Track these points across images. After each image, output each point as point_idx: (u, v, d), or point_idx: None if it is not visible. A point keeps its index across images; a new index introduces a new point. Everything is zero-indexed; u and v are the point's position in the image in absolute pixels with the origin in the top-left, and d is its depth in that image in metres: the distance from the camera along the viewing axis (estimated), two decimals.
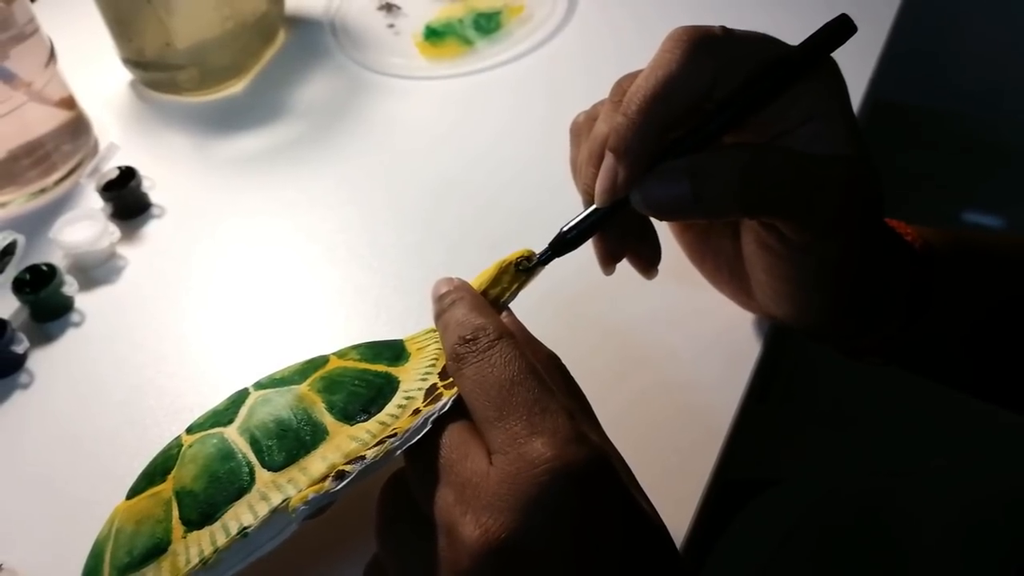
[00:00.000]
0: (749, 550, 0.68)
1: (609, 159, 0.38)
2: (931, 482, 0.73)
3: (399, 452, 0.33)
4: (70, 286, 0.54)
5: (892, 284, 0.43)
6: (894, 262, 0.43)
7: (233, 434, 0.35)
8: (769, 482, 0.74)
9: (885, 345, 0.46)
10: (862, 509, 0.70)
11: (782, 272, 0.41)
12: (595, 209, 0.39)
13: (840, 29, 0.37)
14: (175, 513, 0.34)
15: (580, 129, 0.42)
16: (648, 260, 0.43)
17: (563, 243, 0.40)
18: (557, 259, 0.40)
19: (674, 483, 0.42)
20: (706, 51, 0.36)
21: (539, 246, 0.40)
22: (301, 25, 0.75)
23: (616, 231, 0.42)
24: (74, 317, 0.54)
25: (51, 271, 0.53)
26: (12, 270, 0.54)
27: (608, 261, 0.43)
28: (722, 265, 0.46)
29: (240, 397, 0.38)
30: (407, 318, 0.51)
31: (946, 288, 0.44)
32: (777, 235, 0.39)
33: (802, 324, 0.44)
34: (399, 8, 0.75)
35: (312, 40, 0.74)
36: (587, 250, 0.50)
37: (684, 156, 0.37)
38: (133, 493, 0.37)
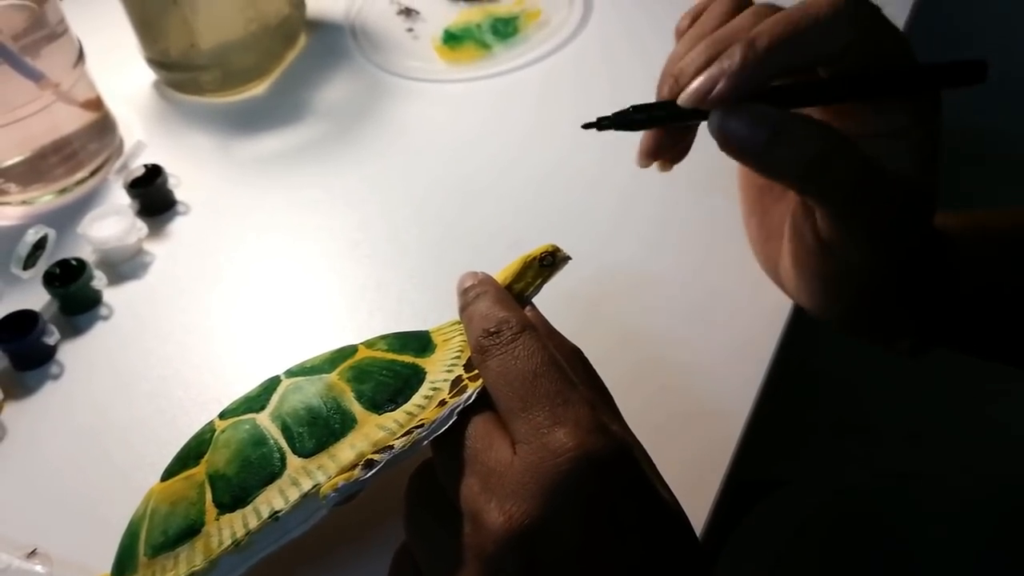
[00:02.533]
0: (758, 550, 0.69)
1: (715, 68, 0.37)
2: (940, 484, 0.74)
3: (426, 442, 0.34)
4: (99, 280, 0.55)
5: (915, 300, 0.44)
6: (919, 277, 0.44)
7: (265, 420, 0.37)
8: (778, 483, 0.75)
9: (906, 334, 0.47)
10: (870, 510, 0.71)
11: (806, 263, 0.42)
12: (671, 104, 0.39)
13: (970, 71, 0.37)
14: (208, 496, 0.35)
15: (685, 26, 0.42)
16: (670, 161, 0.44)
17: (628, 120, 0.40)
18: (582, 259, 0.41)
19: (688, 483, 0.43)
20: (850, 21, 0.37)
21: (557, 245, 0.41)
22: (322, 28, 0.77)
23: (671, 135, 0.42)
24: (102, 310, 0.56)
25: (80, 265, 0.55)
26: (43, 264, 0.55)
27: (648, 155, 0.43)
28: (764, 231, 0.48)
29: (272, 384, 0.39)
30: (429, 313, 0.52)
31: (967, 273, 0.44)
32: (812, 224, 0.40)
33: (823, 315, 0.46)
34: (418, 13, 0.76)
35: (332, 43, 0.75)
36: (607, 253, 0.51)
37: (777, 108, 0.38)
38: (168, 475, 0.38)
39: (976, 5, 1.38)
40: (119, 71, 0.73)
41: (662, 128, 0.42)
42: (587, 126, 0.41)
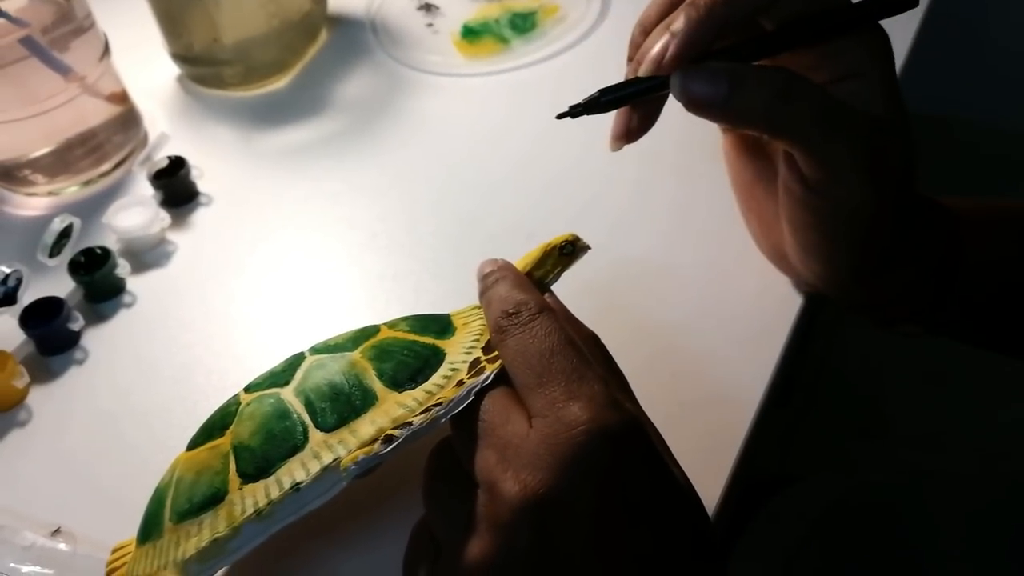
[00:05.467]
0: (771, 548, 0.69)
1: (665, 35, 0.40)
2: (954, 482, 0.74)
3: (443, 420, 0.35)
4: (123, 268, 0.56)
5: (921, 247, 0.44)
6: (922, 225, 0.44)
7: (289, 395, 0.37)
8: (791, 479, 0.75)
9: (917, 314, 0.47)
10: (883, 508, 0.71)
11: (802, 219, 0.42)
12: (635, 80, 0.42)
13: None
14: (232, 466, 0.36)
15: (647, 17, 0.45)
16: (627, 136, 0.45)
17: (597, 103, 0.42)
18: (597, 251, 0.42)
19: (699, 470, 0.43)
20: None
21: (577, 235, 0.42)
22: (343, 24, 0.78)
23: (639, 116, 0.44)
24: (126, 298, 0.56)
25: (105, 254, 0.56)
26: (68, 252, 0.57)
27: (619, 137, 0.45)
28: (764, 225, 0.48)
29: (296, 360, 0.40)
30: (445, 303, 0.53)
31: (974, 250, 0.45)
32: (798, 174, 0.41)
33: (831, 285, 0.46)
34: (437, 8, 0.77)
35: (353, 38, 0.76)
36: (623, 244, 0.52)
37: (731, 62, 0.40)
38: (193, 445, 0.39)
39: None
40: (144, 66, 0.74)
41: (631, 109, 0.44)
42: (561, 116, 0.43)
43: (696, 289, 0.52)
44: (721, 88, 0.39)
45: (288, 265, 0.57)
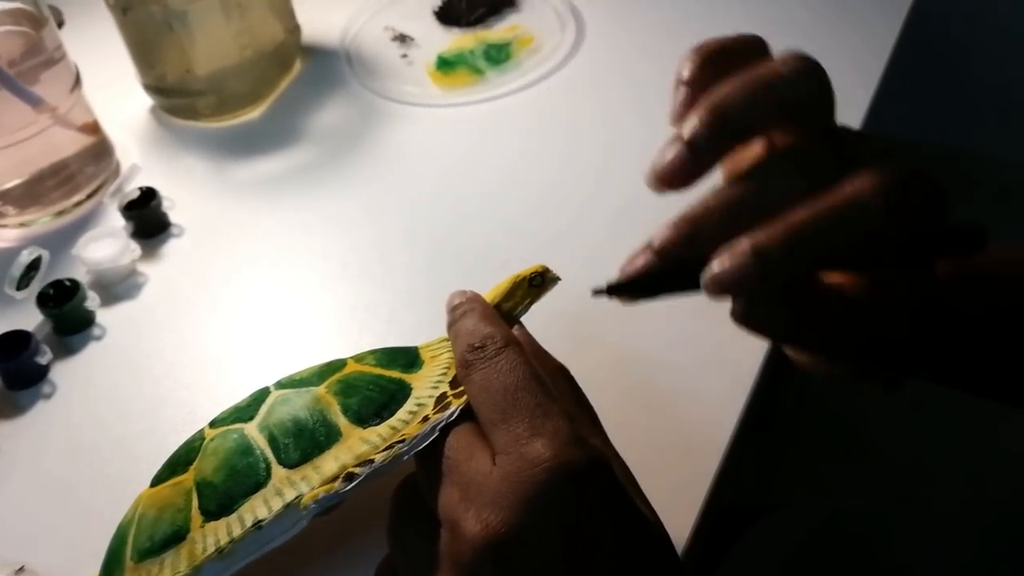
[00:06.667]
0: (753, 574, 0.69)
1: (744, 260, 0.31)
2: (933, 510, 0.74)
3: (407, 457, 0.34)
4: (92, 301, 0.56)
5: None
6: None
7: (253, 431, 0.37)
8: (772, 507, 0.75)
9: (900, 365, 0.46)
10: (867, 535, 0.71)
11: None
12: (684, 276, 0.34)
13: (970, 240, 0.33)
14: (195, 503, 0.36)
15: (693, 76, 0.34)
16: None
17: (634, 288, 0.36)
18: (566, 281, 0.42)
19: (671, 503, 0.43)
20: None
21: (547, 266, 0.42)
22: (317, 54, 0.78)
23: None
24: (95, 331, 0.56)
25: (74, 286, 0.55)
26: (37, 285, 0.56)
27: (663, 180, 0.35)
28: None
29: (261, 395, 0.39)
30: (418, 333, 0.52)
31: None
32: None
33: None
34: (412, 39, 0.77)
35: (328, 69, 0.76)
36: (596, 274, 0.52)
37: None
38: (157, 481, 0.39)
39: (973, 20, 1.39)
40: (117, 96, 0.74)
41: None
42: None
43: (670, 318, 0.52)
44: (782, 323, 0.34)
45: (260, 296, 0.57)
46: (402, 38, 0.78)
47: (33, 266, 0.57)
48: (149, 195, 0.61)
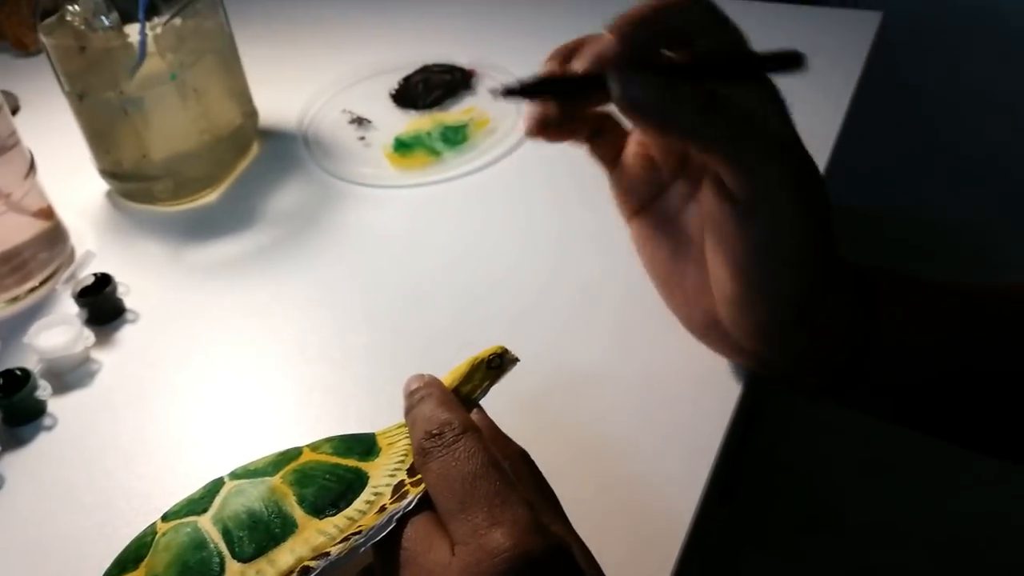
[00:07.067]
0: None
1: (604, 39, 0.40)
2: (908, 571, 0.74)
3: (363, 549, 0.34)
4: (43, 390, 0.55)
5: (839, 300, 0.44)
6: (841, 281, 0.44)
7: (206, 523, 0.36)
8: None
9: (836, 384, 0.47)
10: None
11: (733, 248, 0.42)
12: (574, 77, 0.42)
13: (790, 59, 0.41)
14: None
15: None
16: (543, 125, 0.45)
17: (533, 87, 0.42)
18: (525, 362, 0.41)
19: None
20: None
21: (506, 347, 0.41)
22: (274, 137, 0.78)
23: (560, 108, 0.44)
24: (47, 421, 0.55)
25: (25, 375, 0.54)
26: None
27: (538, 121, 0.44)
28: (686, 294, 0.48)
29: (215, 486, 0.39)
30: (376, 416, 0.52)
31: (889, 322, 0.45)
32: (726, 196, 0.41)
33: (765, 338, 0.45)
34: (369, 122, 0.78)
35: (285, 151, 0.76)
36: (556, 355, 0.52)
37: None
38: None
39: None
40: (72, 181, 0.73)
41: (558, 99, 0.44)
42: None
43: (632, 396, 0.52)
44: (656, 92, 0.39)
45: (215, 381, 0.56)
46: (359, 120, 0.78)
47: None
48: (103, 281, 0.61)
